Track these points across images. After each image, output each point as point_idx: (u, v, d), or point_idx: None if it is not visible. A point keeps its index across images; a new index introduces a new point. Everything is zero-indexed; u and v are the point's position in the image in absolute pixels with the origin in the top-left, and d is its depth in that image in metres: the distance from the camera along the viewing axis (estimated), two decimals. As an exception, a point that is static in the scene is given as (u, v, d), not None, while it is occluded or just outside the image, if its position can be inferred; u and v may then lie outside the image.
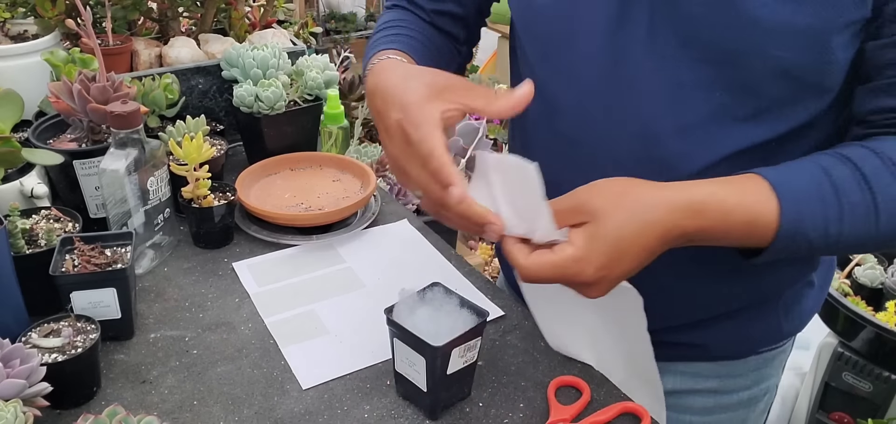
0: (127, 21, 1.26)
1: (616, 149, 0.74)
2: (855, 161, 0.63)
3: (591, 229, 0.62)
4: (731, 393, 0.89)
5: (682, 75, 0.69)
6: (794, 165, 0.65)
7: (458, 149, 0.86)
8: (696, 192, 0.63)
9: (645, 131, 0.72)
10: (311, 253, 1.01)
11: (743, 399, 0.90)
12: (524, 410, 0.75)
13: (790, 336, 0.90)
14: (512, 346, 0.84)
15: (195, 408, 0.74)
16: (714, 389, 0.89)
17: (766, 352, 0.88)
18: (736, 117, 0.69)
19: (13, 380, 0.64)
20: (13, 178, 0.96)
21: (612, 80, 0.73)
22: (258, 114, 1.13)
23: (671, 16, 0.68)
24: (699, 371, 0.87)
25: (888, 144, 0.64)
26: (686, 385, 0.88)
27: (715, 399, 0.89)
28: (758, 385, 0.90)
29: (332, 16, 3.79)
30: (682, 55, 0.68)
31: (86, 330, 0.76)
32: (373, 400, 0.76)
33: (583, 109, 0.76)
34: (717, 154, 0.70)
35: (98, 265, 0.81)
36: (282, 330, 0.86)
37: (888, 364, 1.44)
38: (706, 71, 0.68)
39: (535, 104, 0.79)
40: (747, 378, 0.89)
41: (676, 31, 0.68)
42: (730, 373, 0.88)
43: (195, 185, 0.98)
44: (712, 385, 0.88)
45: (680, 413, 0.89)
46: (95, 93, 0.95)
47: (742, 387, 0.89)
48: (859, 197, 0.62)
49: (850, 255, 1.59)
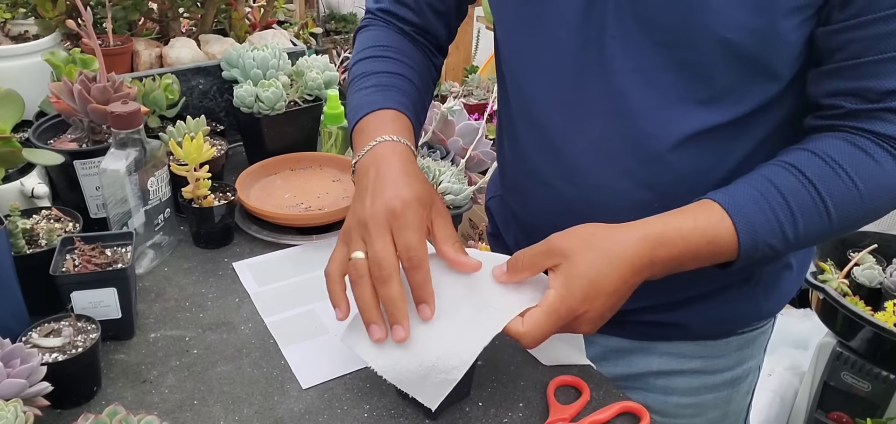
0: (127, 21, 1.26)
1: (590, 130, 0.77)
2: (799, 167, 0.68)
3: (565, 268, 0.67)
4: (714, 374, 0.92)
5: (645, 59, 0.72)
6: (743, 182, 0.70)
7: (457, 149, 0.85)
8: (655, 224, 0.68)
9: (615, 111, 0.75)
10: (311, 253, 1.01)
11: (726, 379, 0.92)
12: (523, 410, 0.75)
13: (769, 317, 0.93)
14: (511, 346, 0.84)
15: (195, 408, 0.74)
16: (698, 369, 0.91)
17: (748, 333, 0.91)
18: (697, 100, 0.72)
19: (13, 380, 0.64)
20: (14, 178, 0.96)
21: (582, 65, 0.75)
22: (258, 114, 1.14)
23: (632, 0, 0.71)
24: (682, 351, 0.90)
25: (826, 142, 0.69)
26: (670, 366, 0.90)
27: (700, 379, 0.91)
28: (740, 366, 0.93)
29: (332, 16, 3.79)
30: (643, 39, 0.71)
31: (86, 330, 0.76)
32: (372, 400, 0.76)
33: (556, 94, 0.79)
34: (683, 133, 0.73)
35: (98, 264, 0.81)
36: (282, 330, 0.86)
37: (887, 364, 1.44)
38: (665, 54, 0.71)
39: (513, 96, 0.79)
40: (730, 358, 0.91)
41: (638, 15, 0.71)
42: (712, 354, 0.90)
43: (195, 185, 0.98)
44: (696, 366, 0.91)
45: (667, 395, 0.92)
46: (96, 93, 0.95)
47: (725, 367, 0.92)
48: (808, 199, 0.68)
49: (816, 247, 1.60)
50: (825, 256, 1.60)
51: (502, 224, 1.03)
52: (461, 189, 1.93)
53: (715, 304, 0.86)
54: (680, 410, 0.93)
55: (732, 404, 0.96)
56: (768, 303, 0.89)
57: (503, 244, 1.02)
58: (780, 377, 1.81)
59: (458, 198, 1.93)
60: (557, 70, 0.78)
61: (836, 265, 1.58)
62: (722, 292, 0.85)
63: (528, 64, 0.82)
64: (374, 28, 0.94)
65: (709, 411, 0.94)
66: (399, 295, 0.68)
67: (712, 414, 0.95)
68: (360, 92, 0.85)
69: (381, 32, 0.92)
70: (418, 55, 0.92)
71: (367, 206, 0.71)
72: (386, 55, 0.89)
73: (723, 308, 0.87)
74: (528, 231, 0.91)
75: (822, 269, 1.52)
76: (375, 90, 0.84)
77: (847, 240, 1.63)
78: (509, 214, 0.99)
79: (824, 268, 1.52)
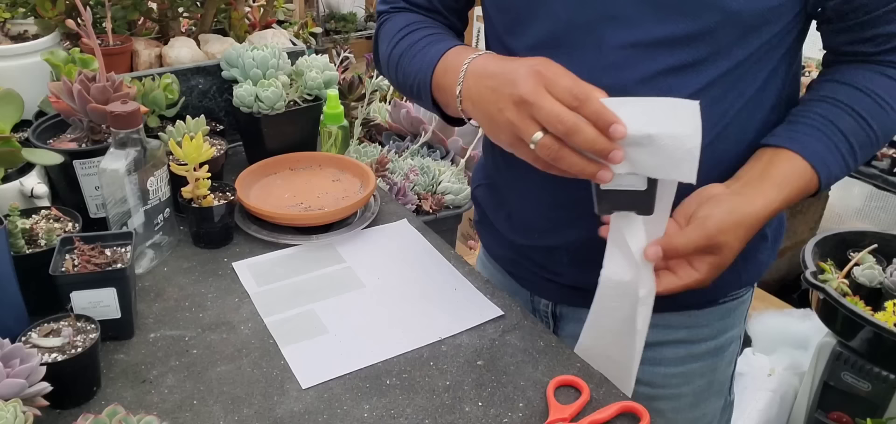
0: (127, 21, 1.26)
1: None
2: (854, 107, 0.79)
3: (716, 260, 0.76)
4: (699, 342, 0.97)
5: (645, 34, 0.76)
6: (810, 132, 0.80)
7: (457, 149, 0.86)
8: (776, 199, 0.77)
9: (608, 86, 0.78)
10: (311, 253, 1.01)
11: (710, 347, 0.98)
12: (523, 409, 0.75)
13: (748, 285, 0.99)
14: (511, 346, 0.84)
15: (195, 408, 0.74)
16: (683, 339, 0.96)
17: (729, 302, 0.97)
18: (687, 63, 0.77)
19: (13, 380, 0.64)
20: (13, 178, 0.96)
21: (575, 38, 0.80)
22: (258, 114, 1.13)
23: None
24: (668, 322, 0.94)
25: (865, 77, 0.80)
26: (658, 337, 0.93)
27: (686, 348, 0.96)
28: (723, 335, 0.98)
29: (331, 16, 3.79)
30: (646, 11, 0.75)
31: (86, 330, 0.76)
32: (372, 400, 0.76)
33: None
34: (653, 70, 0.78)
35: (98, 264, 0.81)
36: (281, 330, 0.86)
37: (887, 364, 1.44)
38: (668, 27, 0.76)
39: None
40: (712, 327, 0.97)
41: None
42: (696, 323, 0.96)
43: (195, 185, 0.98)
44: (681, 336, 0.96)
45: (654, 365, 0.95)
46: (95, 93, 0.95)
47: (709, 337, 0.97)
48: (863, 135, 0.80)
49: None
50: (825, 256, 1.59)
51: (491, 209, 1.04)
52: (461, 189, 1.93)
53: None
54: (668, 379, 0.97)
55: (717, 373, 1.01)
56: (747, 272, 0.94)
57: (492, 231, 1.04)
58: (780, 377, 1.80)
59: (458, 198, 1.93)
60: (553, 45, 0.80)
61: (836, 265, 1.58)
62: None
63: (524, 42, 0.84)
64: (395, 16, 0.97)
65: (695, 379, 0.99)
66: (593, 131, 0.69)
67: (699, 382, 0.99)
68: (419, 55, 0.88)
69: (402, 16, 0.96)
70: (444, 27, 0.96)
71: (512, 90, 0.71)
72: (421, 26, 0.92)
73: None
74: (520, 211, 0.94)
75: (822, 269, 1.52)
76: (433, 42, 0.88)
77: (847, 240, 1.63)
78: (498, 197, 1.00)
79: (824, 268, 1.52)
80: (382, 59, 0.97)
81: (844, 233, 1.64)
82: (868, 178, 2.38)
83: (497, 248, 1.06)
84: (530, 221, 0.94)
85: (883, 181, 2.35)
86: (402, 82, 0.92)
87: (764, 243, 0.95)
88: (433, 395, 0.77)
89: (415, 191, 1.87)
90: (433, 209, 1.85)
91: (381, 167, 1.80)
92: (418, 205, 1.85)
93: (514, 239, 0.99)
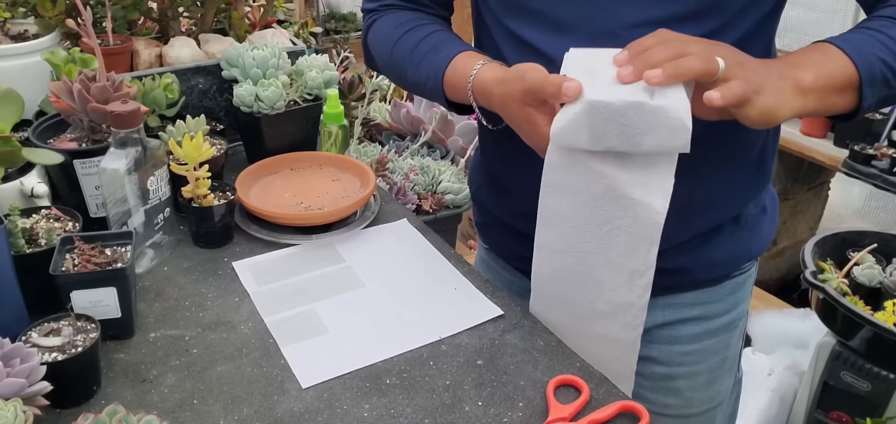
0: (127, 21, 1.26)
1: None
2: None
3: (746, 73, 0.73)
4: (713, 318, 0.99)
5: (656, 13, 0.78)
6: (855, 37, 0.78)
7: (457, 148, 0.86)
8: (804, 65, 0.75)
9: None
10: (311, 253, 1.01)
11: (724, 322, 1.00)
12: (523, 409, 0.75)
13: (754, 258, 1.01)
14: (511, 345, 0.84)
15: (195, 407, 0.74)
16: (698, 316, 0.98)
17: (738, 276, 0.99)
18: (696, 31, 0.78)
19: (13, 379, 0.64)
20: (13, 177, 0.96)
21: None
22: (258, 114, 1.14)
23: None
24: (684, 301, 0.97)
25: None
26: (673, 316, 0.97)
27: (701, 325, 0.98)
28: (735, 309, 1.01)
29: (331, 16, 3.80)
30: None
31: (86, 329, 0.76)
32: (372, 400, 0.76)
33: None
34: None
35: (98, 264, 0.81)
36: (281, 329, 0.86)
37: (887, 364, 1.44)
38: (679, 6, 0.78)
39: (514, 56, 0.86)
40: (725, 302, 0.99)
41: None
42: (710, 299, 0.98)
43: (195, 184, 0.98)
44: (696, 313, 0.98)
45: (671, 344, 0.98)
46: (95, 92, 0.95)
47: (722, 312, 0.99)
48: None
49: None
50: (825, 255, 1.59)
51: (497, 207, 1.04)
52: (461, 189, 1.93)
53: (712, 248, 0.93)
54: (684, 358, 0.99)
55: (730, 349, 1.03)
56: (754, 244, 0.98)
57: (500, 228, 1.04)
58: (779, 376, 1.81)
59: (458, 198, 1.93)
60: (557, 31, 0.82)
61: (836, 264, 1.58)
62: (716, 233, 0.93)
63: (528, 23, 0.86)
64: (385, 15, 0.99)
65: (710, 356, 1.01)
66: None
67: (713, 359, 1.01)
68: (424, 60, 0.92)
69: (393, 16, 0.98)
70: (434, 19, 0.99)
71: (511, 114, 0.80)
72: (415, 26, 0.95)
73: (718, 251, 0.94)
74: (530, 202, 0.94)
75: (822, 269, 1.52)
76: (437, 49, 0.91)
77: (847, 239, 1.63)
78: (504, 193, 1.00)
79: (824, 268, 1.52)
80: (380, 60, 1.00)
81: (844, 233, 1.65)
82: (868, 178, 2.38)
83: (504, 246, 1.06)
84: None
85: (883, 181, 2.35)
86: (409, 87, 0.98)
87: (764, 215, 0.98)
88: (433, 395, 0.77)
89: (415, 191, 1.87)
90: (433, 209, 1.86)
91: (381, 167, 1.80)
92: (418, 205, 1.85)
93: (530, 231, 0.98)
